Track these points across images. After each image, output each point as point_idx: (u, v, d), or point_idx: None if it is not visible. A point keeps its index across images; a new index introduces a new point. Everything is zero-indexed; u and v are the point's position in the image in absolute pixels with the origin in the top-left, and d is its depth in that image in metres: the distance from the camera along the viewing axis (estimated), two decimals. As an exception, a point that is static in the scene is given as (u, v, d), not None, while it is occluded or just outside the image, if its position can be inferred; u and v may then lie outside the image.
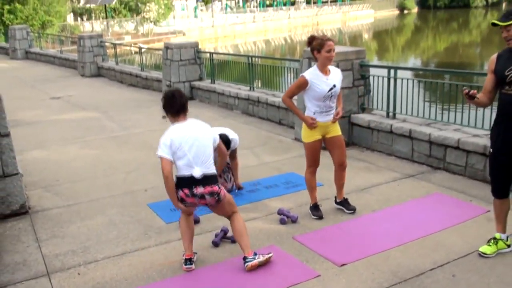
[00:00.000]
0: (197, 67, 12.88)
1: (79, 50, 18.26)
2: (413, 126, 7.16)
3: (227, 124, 9.97)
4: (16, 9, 32.53)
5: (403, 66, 22.50)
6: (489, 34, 46.24)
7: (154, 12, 41.85)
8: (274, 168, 7.13)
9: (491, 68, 4.20)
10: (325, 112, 5.09)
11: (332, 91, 5.03)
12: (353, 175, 6.55)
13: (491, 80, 4.20)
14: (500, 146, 4.21)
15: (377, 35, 51.36)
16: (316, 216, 5.33)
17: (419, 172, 6.74)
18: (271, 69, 10.92)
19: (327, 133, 5.19)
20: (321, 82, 4.98)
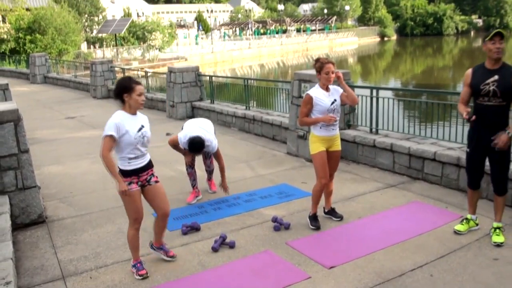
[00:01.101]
0: (197, 89, 12.90)
1: (91, 75, 18.29)
2: (394, 140, 7.17)
3: (225, 140, 10.00)
4: (37, 39, 32.67)
5: (384, 87, 22.69)
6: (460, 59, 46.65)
7: (159, 40, 42.07)
8: (268, 180, 7.12)
9: (467, 82, 4.52)
10: (331, 125, 5.09)
11: (334, 105, 5.07)
12: (340, 185, 6.55)
13: (467, 92, 4.55)
14: (475, 147, 4.62)
15: (361, 59, 51.70)
16: (314, 227, 5.22)
17: (400, 182, 6.73)
18: (265, 90, 10.93)
19: (330, 147, 5.18)
20: (323, 98, 5.04)
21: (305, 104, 5.08)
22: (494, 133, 4.40)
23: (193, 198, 6.30)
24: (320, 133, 5.09)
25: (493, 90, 4.32)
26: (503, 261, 4.34)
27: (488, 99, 4.37)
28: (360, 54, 59.90)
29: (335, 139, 5.19)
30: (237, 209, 5.92)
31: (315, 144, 5.13)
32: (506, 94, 4.31)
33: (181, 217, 5.75)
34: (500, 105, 4.35)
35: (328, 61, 5.02)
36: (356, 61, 50.93)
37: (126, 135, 4.14)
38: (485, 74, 4.39)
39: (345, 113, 7.91)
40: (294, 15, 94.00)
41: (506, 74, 4.31)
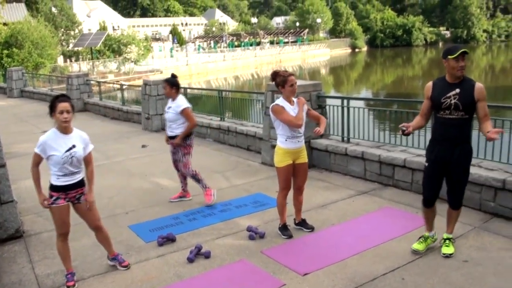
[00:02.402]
0: (173, 101, 12.83)
1: (68, 88, 18.03)
2: (365, 148, 7.27)
3: (200, 151, 9.97)
4: (13, 53, 32.09)
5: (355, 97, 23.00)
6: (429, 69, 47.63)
7: (135, 53, 41.80)
8: (243, 189, 7.11)
9: (427, 95, 4.38)
10: (296, 138, 5.08)
11: None
12: (313, 193, 6.58)
13: (428, 105, 4.40)
14: (434, 161, 4.40)
15: (333, 70, 52.30)
16: (286, 236, 5.24)
17: (371, 189, 6.82)
18: (239, 102, 10.96)
19: (296, 159, 5.17)
20: (290, 111, 5.02)
21: (282, 111, 4.97)
22: (455, 147, 4.27)
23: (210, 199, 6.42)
24: (286, 146, 5.07)
25: (454, 104, 4.20)
26: (473, 263, 4.43)
27: (449, 112, 4.24)
28: (332, 65, 60.61)
29: (301, 151, 5.19)
30: (213, 219, 5.89)
31: (280, 157, 5.11)
32: (468, 108, 4.19)
33: (157, 228, 5.69)
34: (463, 118, 4.23)
35: (289, 74, 5.01)
36: (328, 72, 51.51)
37: (53, 155, 4.13)
38: (446, 87, 4.27)
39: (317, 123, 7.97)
40: (268, 28, 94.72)
41: (467, 87, 4.20)
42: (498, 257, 4.53)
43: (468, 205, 5.72)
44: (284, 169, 5.09)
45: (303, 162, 5.21)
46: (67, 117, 4.12)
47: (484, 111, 4.23)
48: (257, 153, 9.33)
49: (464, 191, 4.50)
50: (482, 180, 5.58)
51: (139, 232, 5.61)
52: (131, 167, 8.69)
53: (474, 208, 5.70)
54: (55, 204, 4.26)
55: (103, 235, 4.65)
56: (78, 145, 4.23)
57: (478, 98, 4.19)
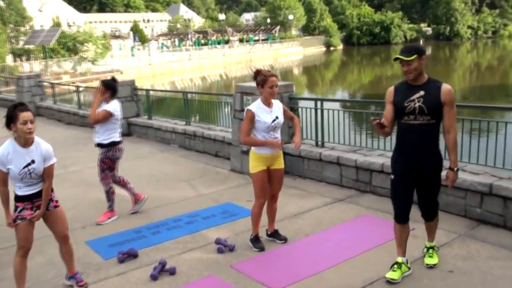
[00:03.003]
0: (133, 104, 12.73)
1: (18, 90, 17.66)
2: (340, 153, 7.35)
3: (165, 158, 9.91)
4: (-47, 51, 31.18)
5: (330, 98, 23.33)
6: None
7: (92, 52, 41.19)
8: (211, 199, 7.09)
9: (389, 100, 4.29)
10: None
11: (275, 122, 5.07)
12: (286, 201, 6.61)
13: (391, 110, 4.28)
14: (401, 173, 4.29)
15: (307, 70, 52.74)
16: (258, 248, 5.24)
17: (348, 196, 6.89)
18: (207, 104, 10.94)
19: (272, 165, 5.17)
20: (265, 114, 5.02)
21: (248, 121, 5.03)
22: (423, 155, 4.17)
23: (104, 219, 6.41)
24: (261, 151, 5.07)
25: (419, 107, 4.09)
26: (459, 273, 4.50)
27: (414, 117, 4.12)
28: (306, 64, 61.14)
29: (277, 156, 5.21)
30: (178, 232, 5.85)
31: (255, 162, 5.11)
32: (434, 111, 4.09)
33: (117, 243, 5.61)
34: (429, 123, 4.11)
35: (271, 74, 5.04)
36: (302, 72, 51.92)
37: (11, 170, 4.09)
38: (409, 90, 4.18)
39: (289, 126, 8.03)
40: (236, 25, 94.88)
41: (432, 89, 4.12)
42: (486, 266, 4.60)
43: (452, 211, 5.84)
44: (258, 175, 5.09)
45: (278, 168, 5.23)
46: (31, 128, 4.04)
47: (449, 119, 4.11)
48: (226, 159, 9.32)
49: (437, 200, 4.44)
50: (467, 185, 5.68)
51: (97, 248, 5.52)
52: (89, 176, 8.56)
53: (459, 214, 5.81)
54: (19, 220, 4.23)
55: (68, 248, 4.58)
56: (37, 160, 4.15)
57: (445, 101, 4.07)
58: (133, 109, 12.72)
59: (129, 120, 12.62)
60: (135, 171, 8.91)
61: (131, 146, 11.37)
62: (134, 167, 9.23)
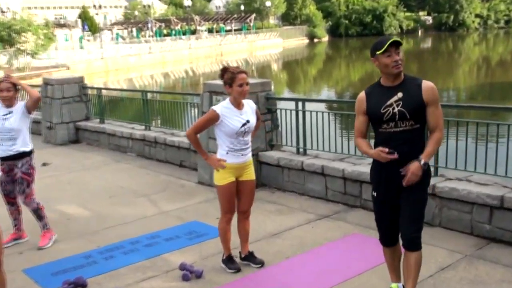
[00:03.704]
0: (83, 105, 12.64)
1: None
2: (325, 162, 7.42)
3: (120, 169, 9.85)
4: None
5: (313, 98, 23.44)
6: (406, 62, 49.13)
7: (32, 43, 40.70)
8: (175, 217, 7.08)
9: (361, 109, 4.21)
10: (240, 150, 5.12)
11: (245, 127, 5.09)
12: (263, 219, 6.64)
13: (364, 122, 4.22)
14: (385, 188, 4.22)
15: (287, 66, 53.06)
16: (233, 269, 5.27)
17: (335, 211, 6.95)
18: (170, 106, 10.90)
19: (240, 176, 5.21)
20: (233, 117, 5.03)
21: (206, 121, 5.10)
22: None
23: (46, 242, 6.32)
24: (228, 160, 5.10)
25: (399, 112, 3.99)
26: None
27: (394, 124, 4.02)
28: (286, 59, 61.50)
29: (247, 166, 5.24)
30: (136, 257, 5.81)
31: (221, 173, 5.14)
32: (417, 114, 4.01)
33: (62, 271, 5.55)
34: (413, 129, 4.03)
35: (240, 70, 5.06)
36: (281, 67, 52.22)
37: None
38: (384, 93, 4.08)
39: (266, 131, 8.08)
40: (205, 13, 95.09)
41: (412, 88, 4.04)
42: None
43: (456, 228, 5.93)
44: (225, 188, 5.12)
45: (249, 179, 5.26)
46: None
47: (435, 119, 4.06)
48: (192, 170, 9.31)
49: (421, 225, 4.22)
50: (473, 198, 5.76)
51: (37, 278, 5.45)
52: (27, 191, 8.44)
53: (464, 232, 5.88)
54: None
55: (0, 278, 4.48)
56: None
57: (428, 100, 4.01)
58: (82, 112, 12.63)
59: (77, 124, 12.53)
60: (84, 184, 8.84)
61: (79, 155, 11.30)
62: (82, 180, 9.15)
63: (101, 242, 6.30)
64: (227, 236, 5.31)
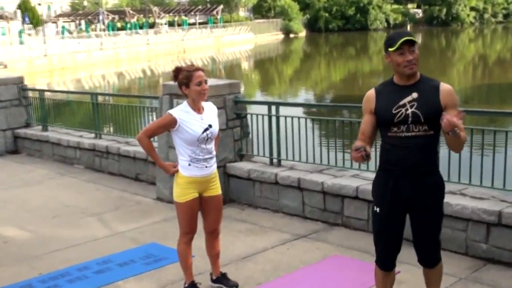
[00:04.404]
0: (22, 110, 12.51)
1: None
2: (302, 174, 7.45)
3: (66, 184, 9.76)
4: None
5: (288, 102, 23.40)
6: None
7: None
8: (130, 239, 7.04)
9: (369, 108, 4.22)
10: (203, 161, 5.10)
11: (208, 133, 5.08)
12: (232, 240, 6.65)
13: (371, 122, 4.22)
14: (389, 205, 4.21)
15: (259, 65, 53.22)
16: None
17: (313, 230, 6.98)
18: (124, 110, 10.85)
19: (205, 191, 5.20)
20: (193, 122, 5.01)
21: (161, 125, 5.12)
22: (419, 178, 4.10)
23: None
24: (190, 173, 5.09)
25: (413, 114, 4.02)
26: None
27: (406, 127, 4.04)
28: (258, 56, 61.71)
29: (212, 180, 5.24)
30: (84, 285, 5.77)
31: (182, 188, 5.12)
32: (431, 119, 4.01)
33: (-2, 302, 5.49)
34: (427, 135, 4.06)
35: (196, 68, 5.06)
36: (252, 66, 52.37)
37: None
38: (397, 92, 4.11)
39: (235, 140, 8.09)
40: (165, 3, 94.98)
41: (428, 89, 4.07)
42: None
43: (449, 248, 5.97)
44: (186, 205, 5.11)
45: (214, 194, 5.27)
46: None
47: None
48: (150, 184, 9.28)
49: (440, 239, 4.37)
50: (468, 214, 5.82)
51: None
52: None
53: (459, 252, 5.95)
54: None
55: None
56: None
57: (446, 104, 4.02)
58: (21, 117, 12.49)
59: (15, 132, 12.38)
60: (24, 202, 8.73)
61: (18, 168, 11.16)
62: (22, 197, 9.04)
63: (44, 269, 6.23)
64: (188, 260, 5.29)
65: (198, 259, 6.05)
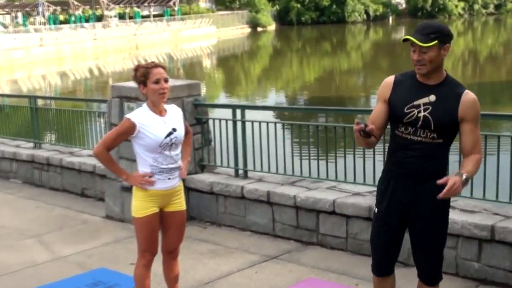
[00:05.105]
0: None
1: None
2: (272, 187, 7.48)
3: (1, 200, 9.64)
4: None
5: (255, 105, 23.43)
6: (374, 58, 50.02)
7: None
8: (75, 263, 6.99)
9: (383, 96, 4.27)
10: (167, 171, 5.07)
11: (172, 137, 5.05)
12: (192, 263, 6.64)
13: (382, 111, 4.28)
14: (386, 207, 4.32)
15: (223, 62, 53.21)
16: None
17: (285, 251, 6.99)
18: (68, 116, 10.78)
19: (167, 205, 5.17)
20: (154, 126, 4.98)
21: (119, 133, 5.07)
22: (422, 186, 4.17)
23: None
24: (150, 185, 5.10)
25: (423, 118, 4.06)
26: None
27: (414, 130, 4.11)
28: (221, 53, 61.72)
29: (175, 193, 5.21)
30: (22, 317, 5.73)
31: (141, 201, 5.09)
32: (444, 128, 4.07)
33: None
34: (434, 143, 4.10)
35: (155, 65, 5.07)
36: (215, 64, 52.35)
37: None
38: (415, 89, 4.15)
39: (195, 148, 8.08)
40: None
41: (450, 95, 4.07)
42: None
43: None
44: (145, 221, 5.07)
45: (178, 210, 5.24)
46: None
47: (472, 141, 4.09)
48: (98, 200, 9.23)
49: (443, 254, 4.42)
50: (458, 229, 5.86)
51: None
52: None
53: (448, 272, 5.91)
54: None
55: None
56: None
57: (464, 116, 4.04)
58: None
59: None
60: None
61: None
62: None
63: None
64: (146, 286, 5.26)
65: (154, 285, 6.03)
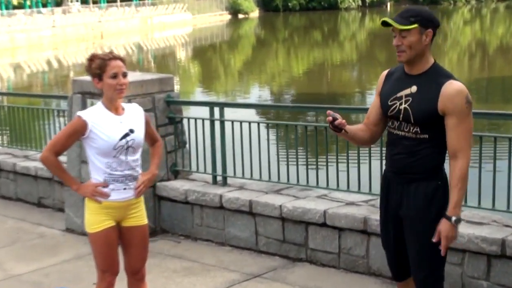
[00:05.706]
0: None
1: None
2: (255, 195, 7.47)
3: None
4: None
5: (235, 102, 23.29)
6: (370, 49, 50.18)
7: None
8: (30, 283, 6.96)
9: (378, 89, 4.52)
10: (123, 179, 5.02)
11: (128, 139, 4.98)
12: (164, 282, 6.60)
13: (377, 106, 4.48)
14: (384, 216, 4.57)
15: (200, 54, 53.25)
16: None
17: (270, 268, 6.98)
18: (23, 114, 10.73)
19: (124, 219, 5.12)
20: (108, 125, 4.92)
21: (68, 134, 5.00)
22: (406, 188, 4.31)
23: None
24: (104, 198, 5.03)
25: (404, 111, 4.20)
26: None
27: (398, 125, 4.28)
28: (198, 43, 61.75)
29: (133, 205, 5.15)
30: None
31: (93, 214, 5.03)
32: (424, 121, 4.16)
33: None
34: (418, 138, 4.21)
35: (112, 56, 4.98)
36: (191, 56, 52.33)
37: None
38: (401, 81, 4.31)
39: (167, 151, 8.06)
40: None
41: (431, 85, 4.16)
42: None
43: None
44: (101, 236, 5.02)
45: (137, 225, 5.19)
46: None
47: (455, 138, 4.17)
48: (57, 211, 9.20)
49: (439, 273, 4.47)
50: (464, 243, 5.87)
51: None
52: None
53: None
54: None
55: None
56: None
57: (444, 108, 4.11)
58: None
59: None
60: None
61: None
62: None
63: None
64: None
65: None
